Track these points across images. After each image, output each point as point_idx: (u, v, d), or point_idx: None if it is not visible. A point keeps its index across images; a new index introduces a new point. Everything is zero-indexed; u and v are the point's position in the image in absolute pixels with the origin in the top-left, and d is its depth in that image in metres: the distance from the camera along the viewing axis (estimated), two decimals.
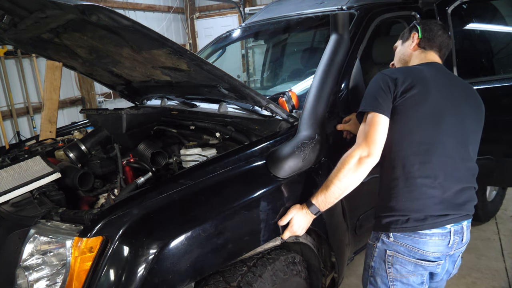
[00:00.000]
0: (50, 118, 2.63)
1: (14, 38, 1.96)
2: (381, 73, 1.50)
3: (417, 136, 1.42)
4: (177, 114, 2.24)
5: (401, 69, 1.57)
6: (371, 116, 1.43)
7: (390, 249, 1.43)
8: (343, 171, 1.42)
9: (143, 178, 1.72)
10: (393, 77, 1.45)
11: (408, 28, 1.73)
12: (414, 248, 1.39)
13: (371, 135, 1.40)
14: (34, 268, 1.28)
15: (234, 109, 2.08)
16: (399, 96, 1.42)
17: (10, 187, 1.60)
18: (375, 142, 1.40)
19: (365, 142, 1.41)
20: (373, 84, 1.49)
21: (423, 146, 1.41)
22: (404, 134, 1.43)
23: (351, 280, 2.70)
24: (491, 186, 3.26)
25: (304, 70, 2.77)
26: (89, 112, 2.30)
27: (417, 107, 1.41)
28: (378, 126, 1.41)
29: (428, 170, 1.39)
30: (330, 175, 1.47)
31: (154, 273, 1.23)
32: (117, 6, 6.41)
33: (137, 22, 1.30)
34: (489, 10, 2.55)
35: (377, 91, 1.45)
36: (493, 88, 2.23)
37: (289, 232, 1.54)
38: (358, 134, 1.46)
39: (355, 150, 1.42)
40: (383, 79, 1.46)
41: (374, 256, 1.48)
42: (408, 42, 1.68)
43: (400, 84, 1.43)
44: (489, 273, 2.69)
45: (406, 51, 1.68)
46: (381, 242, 1.46)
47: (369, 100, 1.46)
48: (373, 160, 1.40)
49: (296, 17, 2.57)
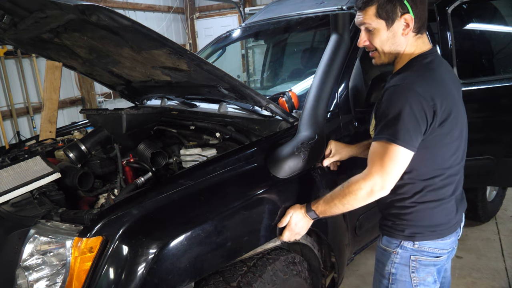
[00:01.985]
0: (50, 118, 2.62)
1: (14, 38, 1.96)
2: (414, 92, 1.20)
3: (449, 162, 1.32)
4: (177, 114, 2.24)
5: (433, 83, 1.24)
6: (395, 149, 1.22)
7: (414, 254, 1.38)
8: (348, 199, 1.32)
9: (143, 178, 1.72)
10: (430, 102, 1.20)
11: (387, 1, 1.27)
12: (435, 249, 1.38)
13: (390, 169, 1.24)
14: (34, 268, 1.28)
15: (234, 109, 2.08)
16: (437, 127, 1.24)
17: (10, 187, 1.60)
18: (392, 177, 1.26)
19: (381, 175, 1.25)
20: (405, 107, 1.19)
21: (452, 169, 1.33)
22: (435, 161, 1.31)
23: (351, 280, 2.70)
24: (491, 186, 3.26)
25: (304, 70, 2.77)
26: (89, 112, 2.30)
27: (451, 134, 1.28)
28: (401, 161, 1.24)
29: (453, 187, 1.37)
30: (335, 192, 1.38)
31: (154, 273, 1.23)
32: (117, 6, 6.41)
33: (137, 22, 1.30)
34: (489, 10, 2.54)
35: (409, 120, 1.19)
36: (493, 88, 2.23)
37: (288, 232, 1.51)
38: (372, 160, 1.28)
39: (367, 181, 1.27)
40: (419, 104, 1.19)
41: (396, 263, 1.40)
42: (397, 25, 1.29)
43: (439, 113, 1.22)
44: (489, 273, 2.69)
45: (398, 39, 1.31)
46: (403, 249, 1.38)
47: (398, 130, 1.20)
48: (385, 193, 1.29)
49: (296, 17, 2.57)
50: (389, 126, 1.22)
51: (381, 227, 1.49)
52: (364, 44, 1.38)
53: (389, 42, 1.32)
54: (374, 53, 1.39)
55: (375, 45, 1.35)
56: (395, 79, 1.29)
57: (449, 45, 2.25)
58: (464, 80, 2.23)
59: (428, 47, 1.35)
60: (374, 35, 1.33)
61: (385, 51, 1.35)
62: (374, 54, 1.39)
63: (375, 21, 1.30)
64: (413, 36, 1.32)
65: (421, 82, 1.23)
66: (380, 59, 1.39)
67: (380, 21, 1.30)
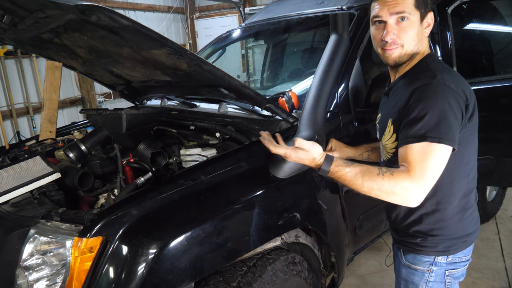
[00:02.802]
0: (50, 118, 2.63)
1: (14, 38, 1.96)
2: (449, 88, 1.14)
3: (473, 161, 1.28)
4: (177, 114, 2.24)
5: (459, 78, 1.21)
6: (438, 149, 1.11)
7: (449, 268, 1.32)
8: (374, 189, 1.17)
9: (143, 178, 1.72)
10: (463, 97, 1.15)
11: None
12: (464, 258, 1.34)
13: (432, 173, 1.13)
14: (34, 268, 1.28)
15: (234, 109, 2.08)
16: (468, 121, 1.18)
17: (10, 187, 1.60)
18: (430, 184, 1.14)
19: (422, 180, 1.12)
20: (444, 104, 1.12)
21: (474, 170, 1.29)
22: (462, 161, 1.24)
23: (351, 280, 2.70)
24: (491, 186, 3.26)
25: (304, 70, 2.77)
26: (89, 112, 2.30)
27: (475, 131, 1.24)
28: (443, 163, 1.14)
29: (476, 193, 1.34)
30: (371, 173, 1.18)
31: (154, 273, 1.23)
32: (117, 6, 6.41)
33: (137, 22, 1.30)
34: (489, 10, 2.54)
35: (451, 117, 1.12)
36: (493, 88, 2.23)
37: (284, 149, 1.34)
38: (416, 160, 1.13)
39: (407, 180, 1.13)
40: (454, 98, 1.13)
41: (431, 281, 1.33)
42: (425, 21, 1.24)
43: (470, 106, 1.17)
44: (489, 273, 2.69)
45: (423, 37, 1.25)
46: (438, 265, 1.31)
47: (440, 128, 1.11)
48: (417, 204, 1.16)
49: (296, 17, 2.57)
50: (430, 125, 1.11)
51: (404, 243, 1.37)
52: (391, 38, 1.23)
53: (417, 38, 1.22)
54: (393, 48, 1.24)
55: (403, 39, 1.22)
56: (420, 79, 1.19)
57: (449, 45, 2.25)
58: None
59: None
60: (405, 28, 1.21)
61: (410, 48, 1.23)
62: (393, 49, 1.24)
63: (413, 11, 1.19)
64: (426, 36, 1.27)
65: (451, 77, 1.17)
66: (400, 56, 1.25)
67: (417, 12, 1.20)
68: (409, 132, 1.16)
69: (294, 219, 1.60)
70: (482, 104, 2.25)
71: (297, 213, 1.61)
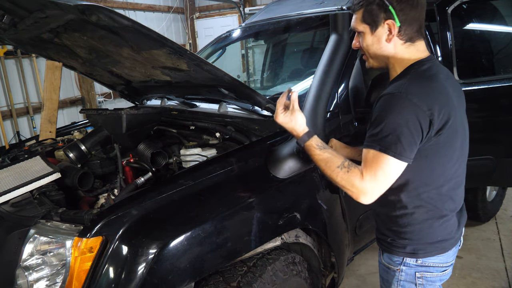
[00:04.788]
0: (50, 118, 2.63)
1: (14, 38, 1.96)
2: (409, 102, 1.15)
3: (449, 173, 1.27)
4: (177, 114, 2.24)
5: (430, 91, 1.19)
6: (386, 159, 1.16)
7: (419, 270, 1.34)
8: (333, 178, 1.27)
9: (143, 178, 1.72)
10: (427, 112, 1.14)
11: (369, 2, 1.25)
12: (440, 264, 1.34)
13: (380, 179, 1.18)
14: (34, 268, 1.29)
15: (234, 109, 2.08)
16: (434, 136, 1.18)
17: (10, 187, 1.59)
18: (382, 187, 1.20)
19: (373, 183, 1.19)
20: (398, 118, 1.15)
21: (452, 182, 1.29)
22: (433, 172, 1.26)
23: (351, 280, 2.70)
24: (491, 186, 3.26)
25: (304, 70, 2.77)
26: (89, 112, 2.30)
27: (450, 142, 1.23)
28: (392, 172, 1.18)
29: (455, 203, 1.34)
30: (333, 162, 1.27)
31: (154, 273, 1.23)
32: (117, 6, 6.41)
33: (137, 22, 1.30)
34: (489, 10, 2.55)
35: (401, 130, 1.14)
36: (493, 88, 2.23)
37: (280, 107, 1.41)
38: (365, 165, 1.21)
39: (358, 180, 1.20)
40: (413, 114, 1.14)
41: (401, 280, 1.36)
42: (381, 30, 1.26)
43: (436, 121, 1.16)
44: (489, 273, 2.69)
45: (383, 45, 1.28)
46: (407, 265, 1.34)
47: (389, 140, 1.15)
48: (369, 201, 1.22)
49: (296, 17, 2.57)
50: (381, 135, 1.17)
51: (380, 241, 1.43)
52: (356, 46, 1.39)
53: (374, 47, 1.30)
54: (365, 56, 1.38)
55: (363, 48, 1.35)
56: (391, 87, 1.24)
57: (449, 45, 2.25)
58: (464, 80, 2.24)
59: (425, 54, 1.29)
60: (362, 39, 1.34)
61: (371, 55, 1.34)
62: (365, 57, 1.39)
63: (360, 25, 1.31)
64: (402, 44, 1.26)
65: (417, 90, 1.18)
66: (369, 62, 1.38)
67: (364, 25, 1.29)
68: (367, 136, 1.24)
69: (294, 219, 1.60)
70: (482, 104, 2.29)
71: (297, 213, 1.61)
